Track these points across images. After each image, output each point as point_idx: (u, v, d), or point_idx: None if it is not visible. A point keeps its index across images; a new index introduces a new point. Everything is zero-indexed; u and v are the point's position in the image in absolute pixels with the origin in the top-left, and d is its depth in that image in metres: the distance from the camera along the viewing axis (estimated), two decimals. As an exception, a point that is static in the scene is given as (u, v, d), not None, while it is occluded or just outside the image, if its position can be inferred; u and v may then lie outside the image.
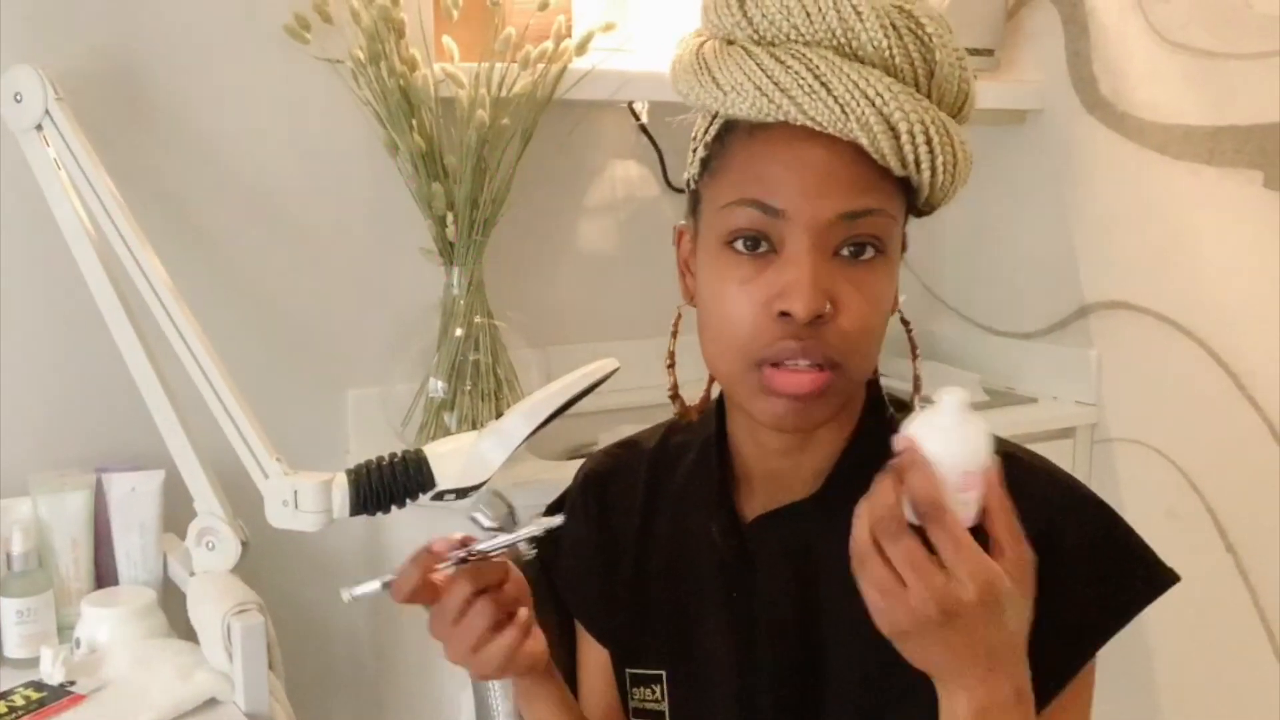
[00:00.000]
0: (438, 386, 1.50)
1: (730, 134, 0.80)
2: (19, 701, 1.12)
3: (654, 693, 0.92)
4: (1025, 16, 1.97)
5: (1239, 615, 1.70)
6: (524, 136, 1.51)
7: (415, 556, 0.83)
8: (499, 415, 1.24)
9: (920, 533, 0.70)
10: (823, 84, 0.74)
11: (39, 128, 1.27)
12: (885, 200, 0.77)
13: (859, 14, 0.75)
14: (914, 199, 0.81)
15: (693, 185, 0.85)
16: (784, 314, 0.76)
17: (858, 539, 0.71)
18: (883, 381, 0.90)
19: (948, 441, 0.71)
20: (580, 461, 1.04)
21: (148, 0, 1.42)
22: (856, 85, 0.74)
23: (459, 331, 1.50)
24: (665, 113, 1.77)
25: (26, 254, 1.38)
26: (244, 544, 1.25)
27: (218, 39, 1.47)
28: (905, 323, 0.89)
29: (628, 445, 1.01)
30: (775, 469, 0.88)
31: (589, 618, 0.99)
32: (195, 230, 1.49)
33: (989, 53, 1.92)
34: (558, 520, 0.84)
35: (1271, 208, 1.64)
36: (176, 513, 1.32)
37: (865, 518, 0.71)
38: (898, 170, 0.76)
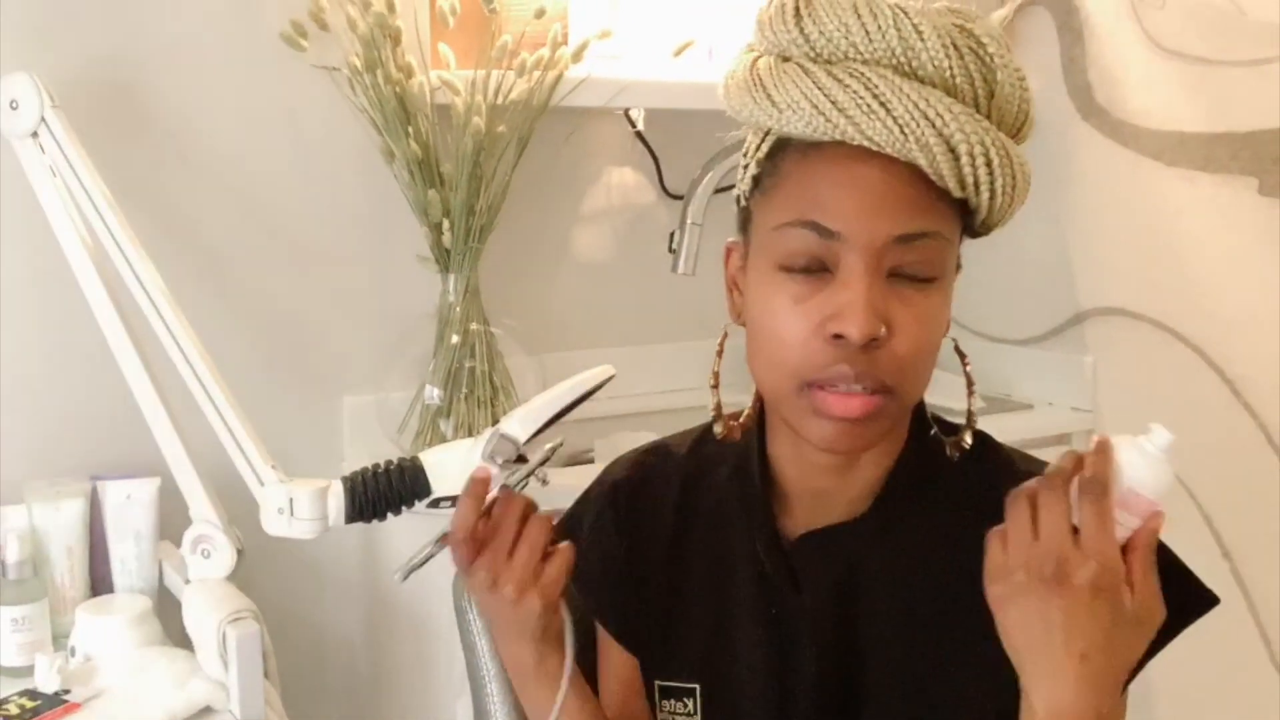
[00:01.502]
0: (434, 393, 1.50)
1: (783, 152, 0.79)
2: (14, 710, 1.11)
3: (686, 706, 0.91)
4: (1020, 23, 1.97)
5: (1235, 621, 1.70)
6: (520, 144, 1.51)
7: (468, 489, 0.87)
8: (495, 422, 1.23)
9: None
10: (882, 104, 0.73)
11: (34, 135, 1.27)
12: (941, 223, 0.77)
13: (920, 33, 0.74)
14: (970, 220, 0.80)
15: (743, 202, 0.84)
16: (837, 336, 0.75)
17: (1026, 486, 0.76)
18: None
19: (1139, 464, 0.77)
20: (579, 467, 1.03)
21: (144, 8, 1.42)
22: (916, 106, 0.72)
23: (455, 338, 1.50)
24: (661, 120, 1.79)
25: (22, 261, 1.38)
26: (239, 552, 1.25)
27: (214, 46, 1.47)
28: (961, 355, 0.88)
29: (658, 453, 0.98)
30: (819, 488, 0.87)
31: (618, 624, 0.97)
32: (191, 237, 1.48)
33: (984, 60, 1.93)
34: (558, 441, 0.88)
35: (1266, 214, 1.64)
36: (172, 520, 1.32)
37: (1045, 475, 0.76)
38: (956, 192, 0.75)
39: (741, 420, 0.91)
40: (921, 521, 0.85)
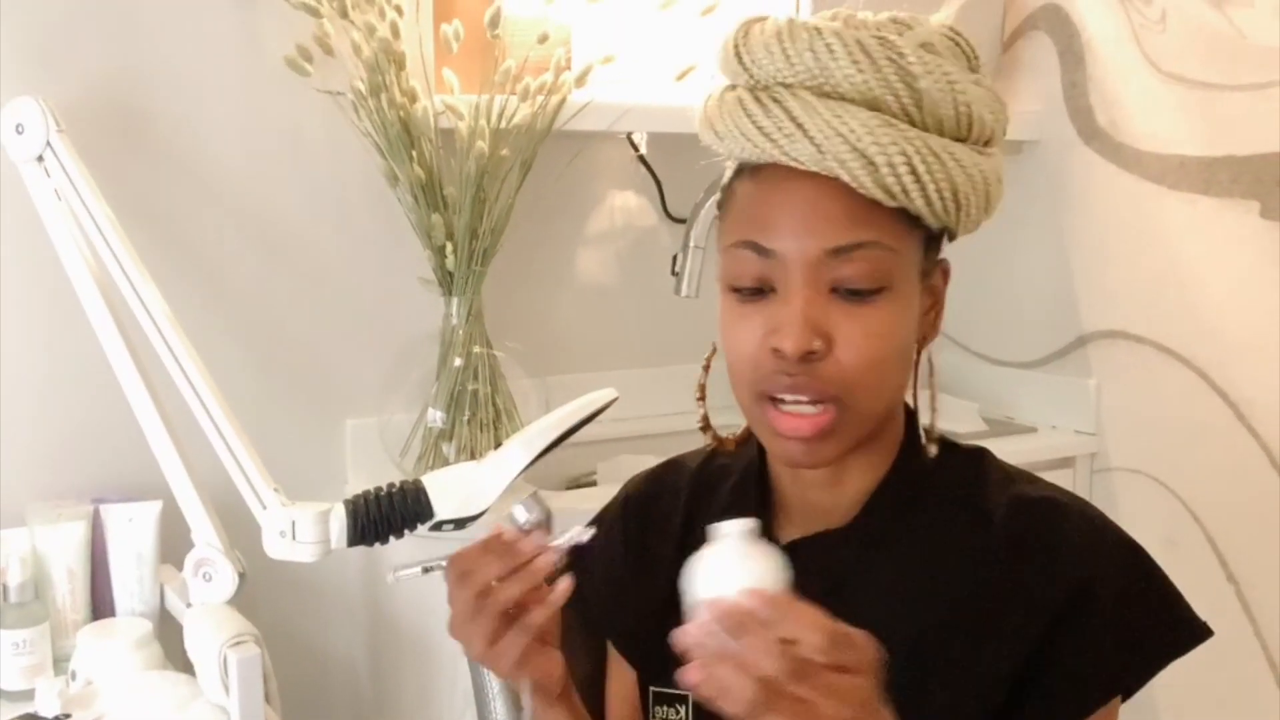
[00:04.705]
0: (436, 416, 1.50)
1: (737, 178, 0.83)
2: (14, 734, 1.11)
3: (678, 712, 0.92)
4: (1021, 47, 1.98)
5: (1241, 646, 1.69)
6: (523, 167, 1.52)
7: (486, 542, 0.83)
8: (498, 445, 1.23)
9: None
10: (799, 125, 0.76)
11: (40, 159, 1.27)
12: (879, 232, 0.78)
13: (831, 52, 0.76)
14: (929, 227, 0.81)
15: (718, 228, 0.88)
16: (777, 351, 0.78)
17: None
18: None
19: (743, 566, 0.70)
20: (582, 487, 1.04)
21: (150, 32, 1.43)
22: (829, 124, 0.76)
23: (458, 361, 1.50)
24: (664, 144, 1.79)
25: (26, 283, 1.39)
26: (241, 575, 1.24)
27: (219, 70, 1.48)
28: (930, 369, 0.89)
29: (672, 466, 1.02)
30: (812, 498, 0.89)
31: (618, 634, 0.99)
32: (195, 261, 1.49)
33: (985, 84, 1.93)
34: (591, 532, 0.85)
35: (1268, 237, 1.64)
36: (174, 544, 1.32)
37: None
38: (887, 201, 0.77)
39: (738, 435, 0.94)
40: (910, 533, 0.86)
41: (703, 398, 0.92)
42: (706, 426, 0.92)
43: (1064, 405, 1.94)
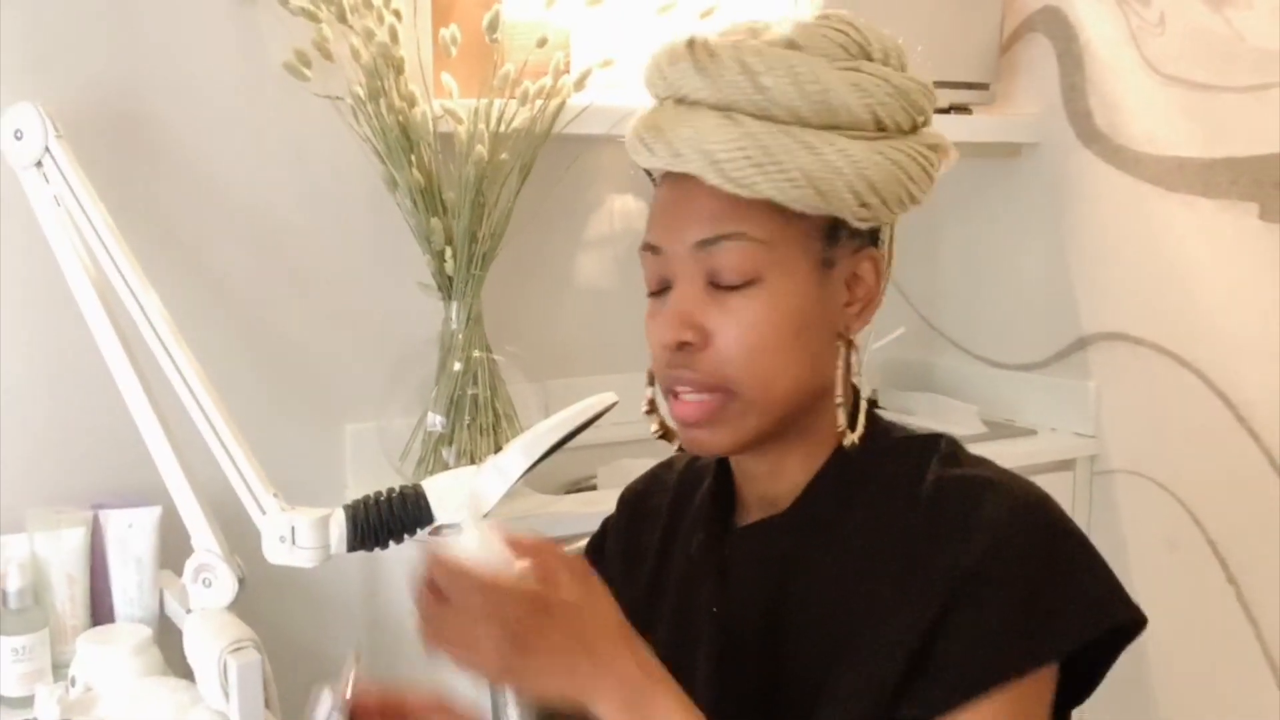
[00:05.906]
0: (436, 421, 1.49)
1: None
2: (13, 741, 1.11)
3: None
4: (1020, 50, 1.99)
5: (1241, 648, 1.69)
6: (522, 171, 1.52)
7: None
8: (497, 450, 1.23)
9: None
10: (660, 133, 0.83)
11: (39, 165, 1.27)
12: (749, 225, 0.81)
13: (677, 67, 0.83)
14: (828, 218, 0.83)
15: None
16: (662, 344, 0.85)
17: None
18: (898, 417, 0.90)
19: (481, 546, 0.79)
20: (582, 491, 1.06)
21: (148, 38, 1.43)
22: (679, 130, 0.81)
23: (457, 366, 1.50)
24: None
25: (25, 289, 1.39)
26: (241, 581, 1.24)
27: (218, 75, 1.48)
28: (848, 360, 0.89)
29: (667, 464, 1.07)
30: (758, 490, 0.92)
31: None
32: (194, 266, 1.49)
33: (984, 86, 1.94)
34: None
35: (1267, 239, 1.65)
36: (173, 549, 1.32)
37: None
38: (742, 193, 0.80)
39: None
40: (849, 519, 0.86)
41: (652, 410, 0.94)
42: (665, 433, 0.94)
43: (1064, 407, 1.94)
